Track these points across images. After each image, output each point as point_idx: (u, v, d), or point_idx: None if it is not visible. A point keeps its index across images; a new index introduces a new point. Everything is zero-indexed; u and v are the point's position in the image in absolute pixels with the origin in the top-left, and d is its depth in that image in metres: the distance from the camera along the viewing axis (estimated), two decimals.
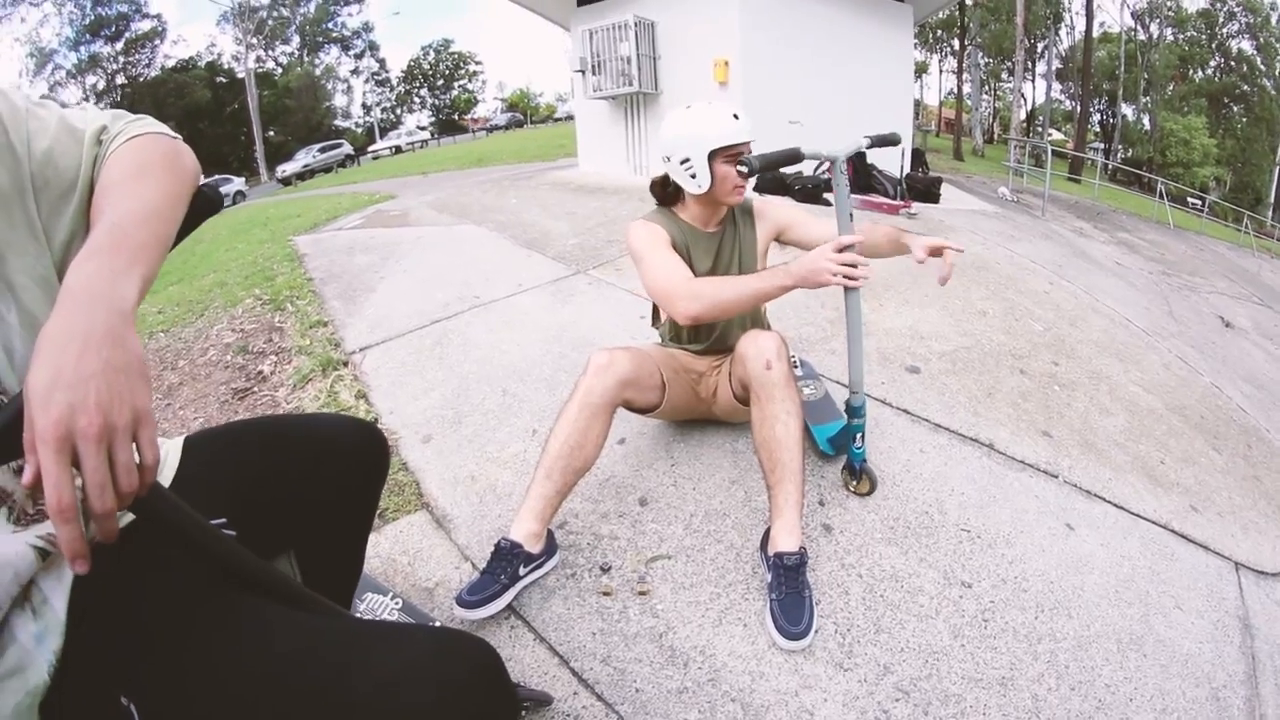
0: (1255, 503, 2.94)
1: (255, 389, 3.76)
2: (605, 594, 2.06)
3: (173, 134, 1.04)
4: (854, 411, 2.41)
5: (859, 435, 2.44)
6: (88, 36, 43.67)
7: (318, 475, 1.31)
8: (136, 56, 45.74)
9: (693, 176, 2.34)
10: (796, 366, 3.15)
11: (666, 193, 2.55)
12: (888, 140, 2.55)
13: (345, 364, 3.78)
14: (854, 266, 1.91)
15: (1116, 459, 2.96)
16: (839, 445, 2.61)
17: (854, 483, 2.52)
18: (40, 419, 0.64)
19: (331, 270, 5.71)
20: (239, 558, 0.96)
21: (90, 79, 44.00)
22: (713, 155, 2.29)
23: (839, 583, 2.09)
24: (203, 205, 1.00)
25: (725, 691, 1.76)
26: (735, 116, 2.29)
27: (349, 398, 3.39)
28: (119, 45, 44.83)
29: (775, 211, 2.58)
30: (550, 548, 2.15)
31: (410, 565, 2.27)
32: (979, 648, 1.90)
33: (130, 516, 1.03)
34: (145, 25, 46.06)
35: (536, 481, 2.12)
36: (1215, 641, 2.09)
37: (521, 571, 2.04)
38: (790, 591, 1.93)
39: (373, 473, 1.47)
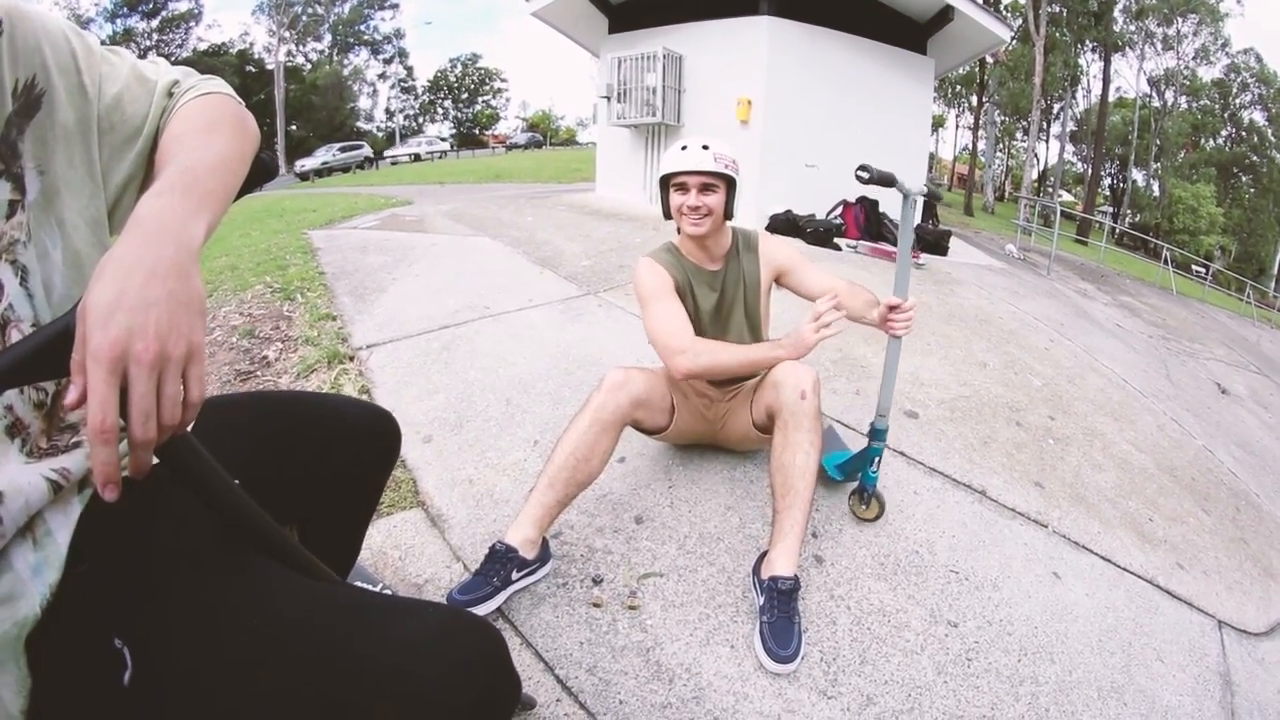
0: (1241, 564, 2.97)
1: (259, 373, 3.78)
2: (595, 605, 2.08)
3: (239, 99, 1.06)
4: (877, 435, 2.47)
5: (876, 459, 2.49)
6: (125, 10, 44.21)
7: (331, 453, 1.32)
8: (170, 36, 46.27)
9: (664, 205, 2.47)
10: None
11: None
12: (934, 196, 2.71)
13: (351, 359, 3.81)
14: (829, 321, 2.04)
15: (1106, 513, 2.99)
16: (849, 471, 2.65)
17: (863, 507, 2.57)
18: (97, 337, 0.63)
19: (344, 267, 5.75)
20: (255, 517, 0.95)
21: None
22: (664, 184, 2.42)
23: (827, 613, 2.12)
24: (259, 170, 1.00)
25: (709, 710, 1.78)
26: (684, 148, 2.37)
27: (352, 392, 3.42)
28: (154, 23, 45.33)
29: (777, 251, 2.62)
30: (544, 555, 2.17)
31: (401, 560, 2.28)
32: (962, 686, 1.92)
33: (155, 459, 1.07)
34: (182, 6, 46.79)
35: (538, 490, 2.14)
36: (1196, 695, 2.12)
37: (514, 576, 2.06)
38: (781, 615, 1.95)
39: (383, 458, 1.49)
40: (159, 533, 0.97)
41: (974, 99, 36.61)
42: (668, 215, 2.46)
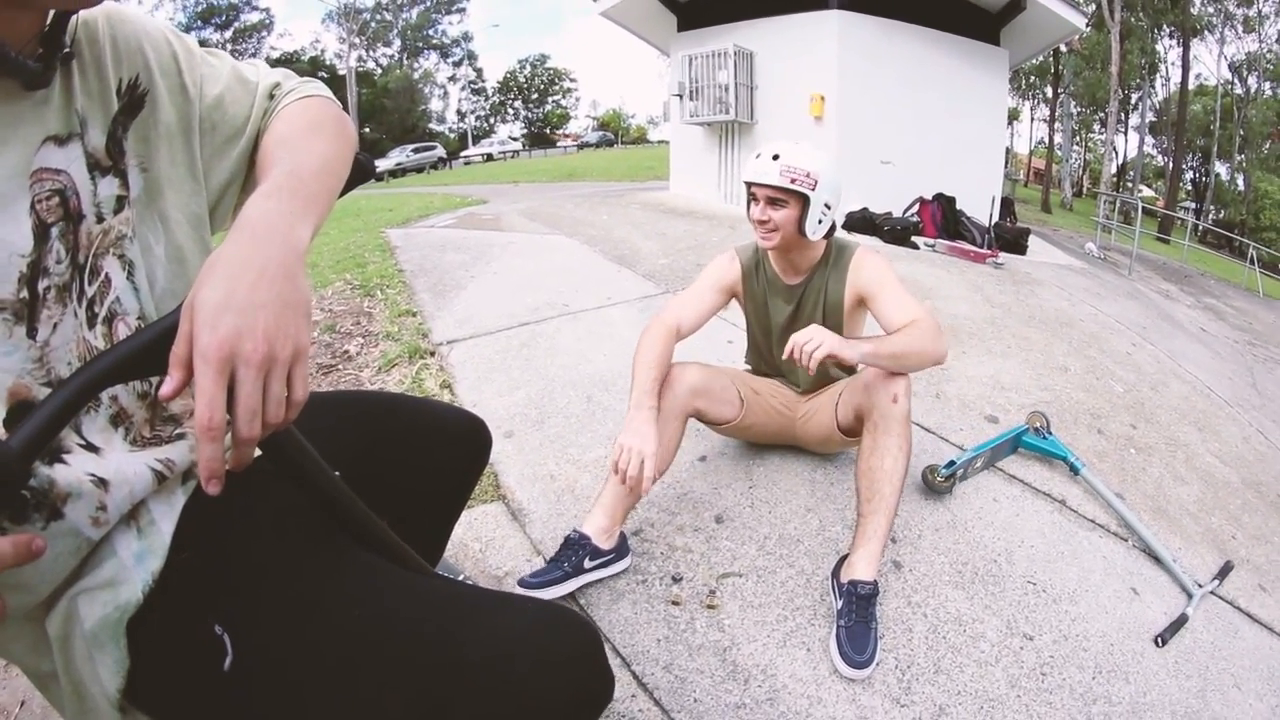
0: None
1: (340, 367, 3.91)
2: (674, 603, 2.11)
3: (337, 101, 1.10)
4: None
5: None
6: (199, 23, 45.90)
7: (425, 456, 1.35)
8: (243, 46, 47.74)
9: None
10: None
11: None
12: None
13: (432, 354, 3.91)
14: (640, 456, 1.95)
15: (1188, 529, 2.91)
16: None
17: (938, 478, 2.69)
18: (206, 336, 0.64)
19: (423, 264, 5.87)
20: (355, 508, 0.97)
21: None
22: (748, 189, 2.34)
23: (903, 620, 2.11)
24: (357, 172, 1.02)
25: (782, 713, 1.79)
26: (775, 157, 2.25)
27: (434, 386, 3.51)
28: (228, 34, 46.90)
29: (863, 272, 2.38)
30: (621, 550, 2.20)
31: (482, 552, 2.35)
32: (1034, 701, 1.89)
33: (257, 451, 1.12)
34: (254, 17, 48.54)
35: (610, 481, 2.16)
36: None
37: (586, 564, 2.10)
38: (859, 620, 1.95)
39: (475, 462, 1.52)
40: (261, 524, 1.00)
41: (1049, 90, 35.40)
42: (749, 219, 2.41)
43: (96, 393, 0.71)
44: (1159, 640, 2.19)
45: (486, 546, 2.38)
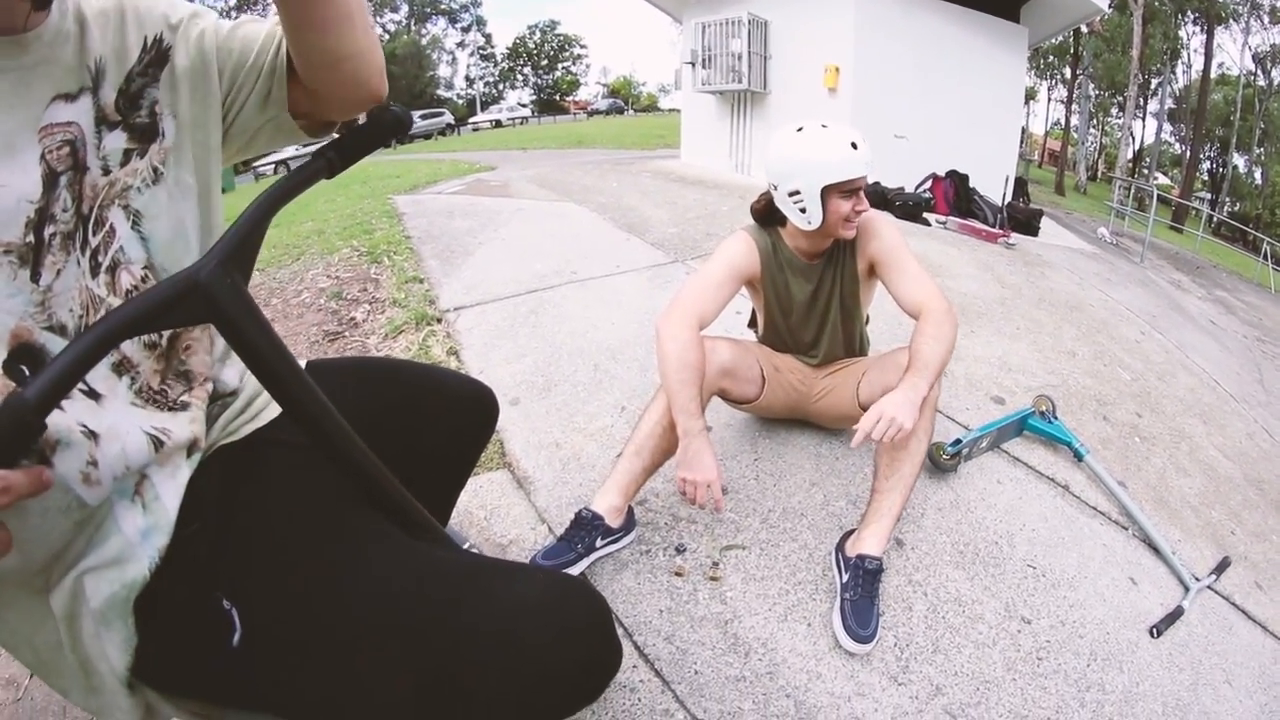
0: None
1: (346, 333, 3.91)
2: (677, 574, 2.12)
3: None
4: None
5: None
6: None
7: (431, 423, 1.36)
8: (252, 9, 47.28)
9: (802, 211, 2.15)
10: None
11: (770, 218, 2.35)
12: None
13: (439, 320, 3.92)
14: (708, 487, 1.95)
15: (1188, 521, 2.90)
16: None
17: (945, 456, 2.70)
18: None
19: (430, 231, 5.86)
20: (380, 474, 0.99)
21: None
22: (827, 190, 2.10)
23: (904, 598, 2.12)
24: (392, 122, 1.01)
25: (781, 686, 1.81)
26: (854, 145, 2.07)
27: (440, 353, 3.52)
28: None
29: (878, 239, 2.28)
30: (629, 523, 2.21)
31: (487, 520, 2.36)
32: (1029, 685, 1.90)
33: (276, 411, 1.11)
34: None
35: (625, 457, 2.16)
36: None
37: (598, 543, 2.11)
38: (864, 595, 1.96)
39: (481, 431, 1.53)
40: (269, 498, 1.02)
41: (1067, 71, 34.92)
42: (815, 226, 2.17)
43: (112, 346, 0.73)
44: (1154, 631, 2.20)
45: (491, 514, 2.39)
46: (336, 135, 1.06)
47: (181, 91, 0.96)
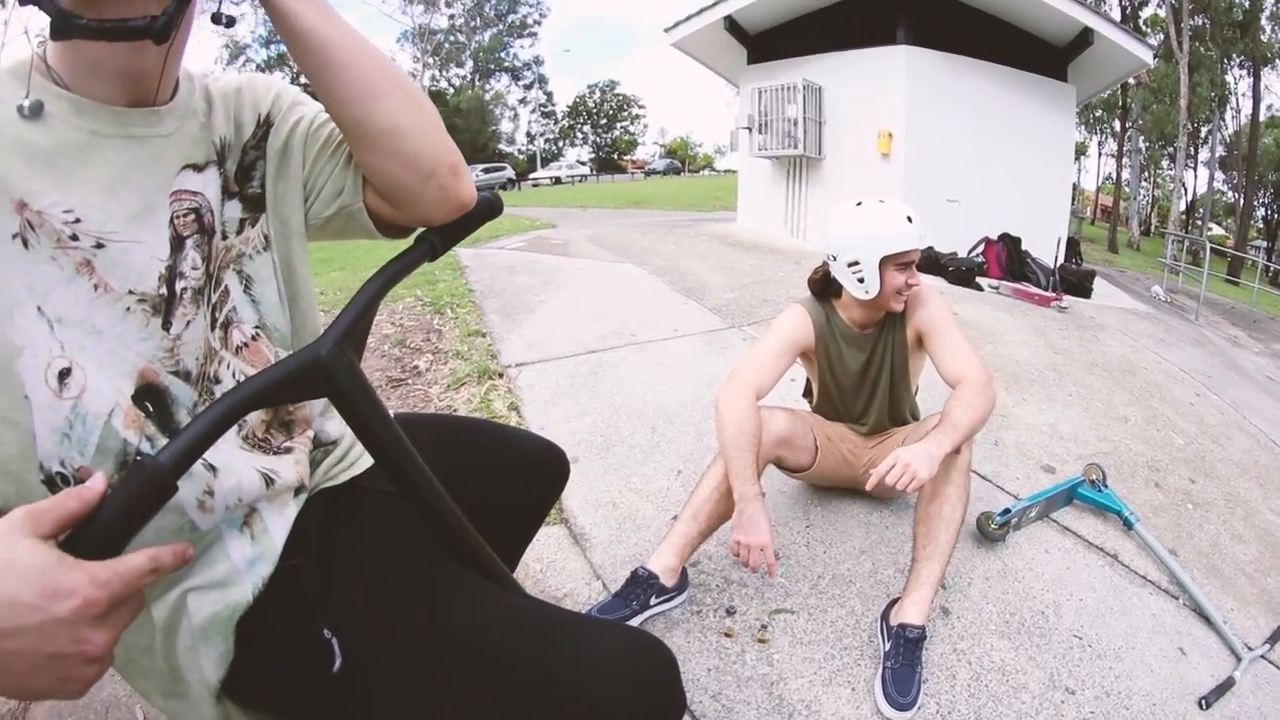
0: None
1: (409, 381, 4.06)
2: (726, 635, 2.19)
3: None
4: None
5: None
6: (277, 37, 47.07)
7: (507, 481, 1.43)
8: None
9: (860, 281, 2.32)
10: None
11: (827, 289, 2.53)
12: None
13: (500, 375, 4.05)
14: (760, 550, 2.03)
15: (1242, 589, 2.87)
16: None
17: (993, 525, 2.71)
18: None
19: (493, 285, 6.06)
20: (464, 530, 1.04)
21: (277, 73, 47.46)
22: (884, 262, 2.27)
23: (948, 665, 2.15)
24: (485, 209, 1.11)
25: None
26: (909, 219, 2.26)
27: (502, 407, 3.65)
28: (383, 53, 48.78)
29: (926, 309, 2.43)
30: (682, 584, 2.29)
31: (542, 573, 2.45)
32: None
33: (369, 462, 1.19)
34: None
35: (682, 520, 2.27)
36: None
37: (652, 601, 2.19)
38: (905, 663, 2.00)
39: (552, 492, 1.61)
40: (369, 538, 1.09)
41: (1117, 124, 34.33)
42: (873, 295, 2.32)
43: (240, 418, 0.80)
44: (1203, 703, 2.17)
45: (547, 568, 2.48)
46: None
47: (270, 170, 1.03)
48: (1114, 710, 2.09)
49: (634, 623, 2.14)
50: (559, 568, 2.49)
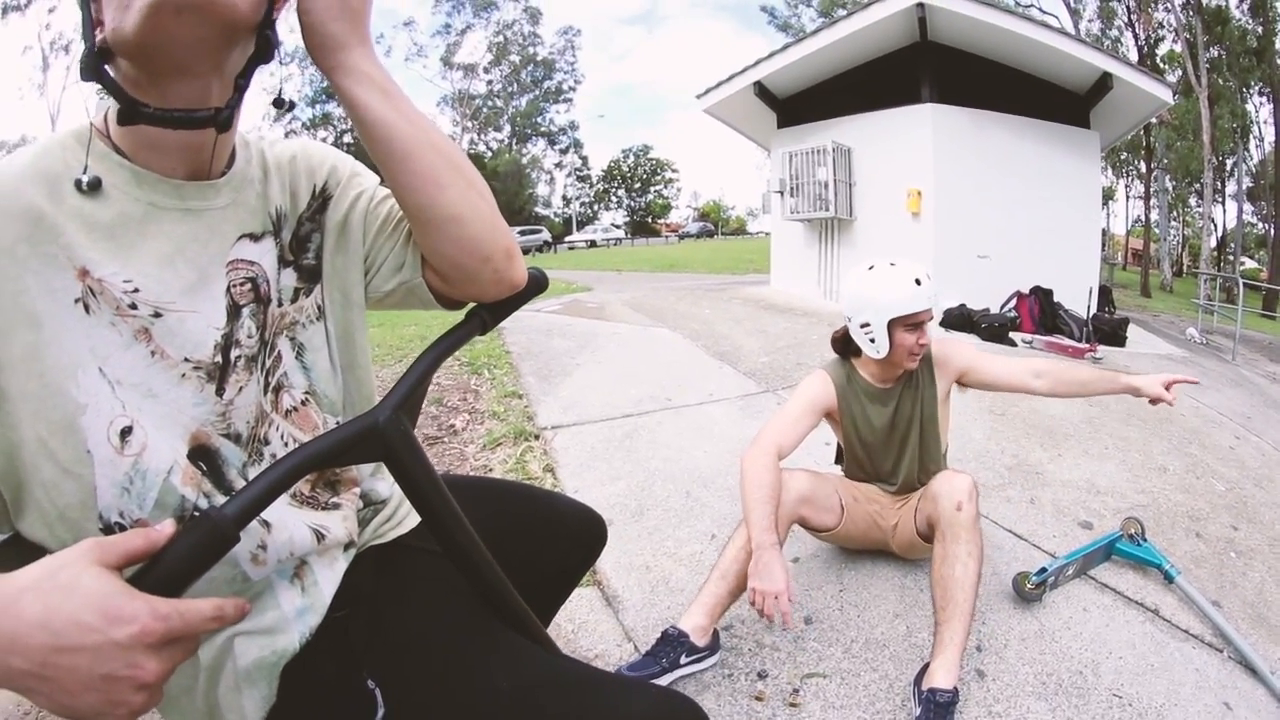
0: None
1: (445, 440, 4.14)
2: (758, 699, 2.19)
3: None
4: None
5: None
6: (324, 96, 49.36)
7: (547, 546, 1.47)
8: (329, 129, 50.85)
9: (871, 341, 2.44)
10: None
11: (848, 348, 2.64)
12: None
13: (537, 437, 4.12)
14: (775, 598, 2.03)
15: None
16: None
17: (1029, 586, 2.70)
18: None
19: (529, 348, 6.15)
20: (506, 591, 1.09)
21: (321, 134, 49.36)
22: (893, 323, 2.38)
23: None
24: (533, 286, 1.14)
25: None
26: (918, 282, 2.36)
27: (537, 469, 3.70)
28: (451, 142, 50.80)
29: (955, 358, 2.61)
30: (714, 646, 2.31)
31: (574, 634, 2.48)
32: None
33: (415, 521, 1.23)
34: None
35: (711, 580, 2.31)
36: None
37: (683, 660, 2.21)
38: None
39: (589, 556, 1.65)
40: (413, 594, 1.12)
41: (1142, 166, 33.95)
42: (883, 355, 2.45)
43: (301, 478, 0.87)
44: None
45: (579, 629, 2.51)
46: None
47: (328, 243, 1.06)
48: None
49: (664, 681, 2.15)
50: (591, 629, 2.51)
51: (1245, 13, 28.29)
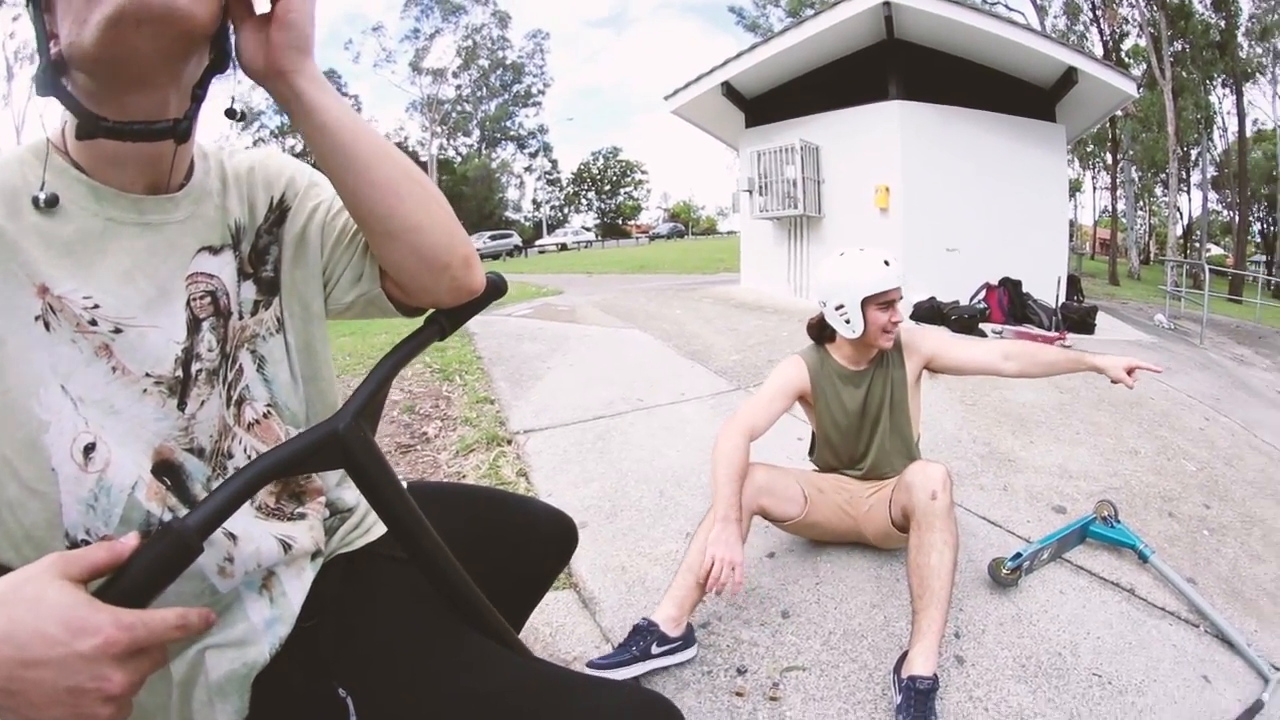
0: None
1: (418, 447, 4.09)
2: (738, 694, 2.17)
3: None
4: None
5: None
6: None
7: (521, 553, 1.46)
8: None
9: (847, 322, 2.55)
10: None
11: (823, 334, 2.73)
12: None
13: (509, 442, 4.08)
14: (731, 567, 2.09)
15: (1265, 609, 2.85)
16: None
17: (1005, 571, 2.72)
18: None
19: (500, 353, 6.12)
20: (474, 596, 1.08)
21: (289, 141, 48.60)
22: (865, 302, 2.50)
23: (964, 714, 2.13)
24: (491, 291, 1.14)
25: None
26: (886, 263, 2.49)
27: (510, 474, 3.67)
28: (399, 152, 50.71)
29: (924, 342, 2.73)
30: (688, 639, 2.28)
31: (552, 637, 2.45)
32: None
33: (381, 530, 1.22)
34: None
35: (680, 573, 2.31)
36: None
37: (654, 649, 2.19)
38: (918, 716, 1.98)
39: (560, 561, 1.63)
40: (381, 602, 1.12)
41: (1108, 157, 34.59)
42: (859, 334, 2.54)
43: (262, 487, 0.87)
44: None
45: (556, 632, 2.48)
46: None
47: (286, 256, 1.05)
48: None
49: (637, 671, 2.15)
50: (568, 631, 2.49)
51: (1208, 7, 28.99)
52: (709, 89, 11.28)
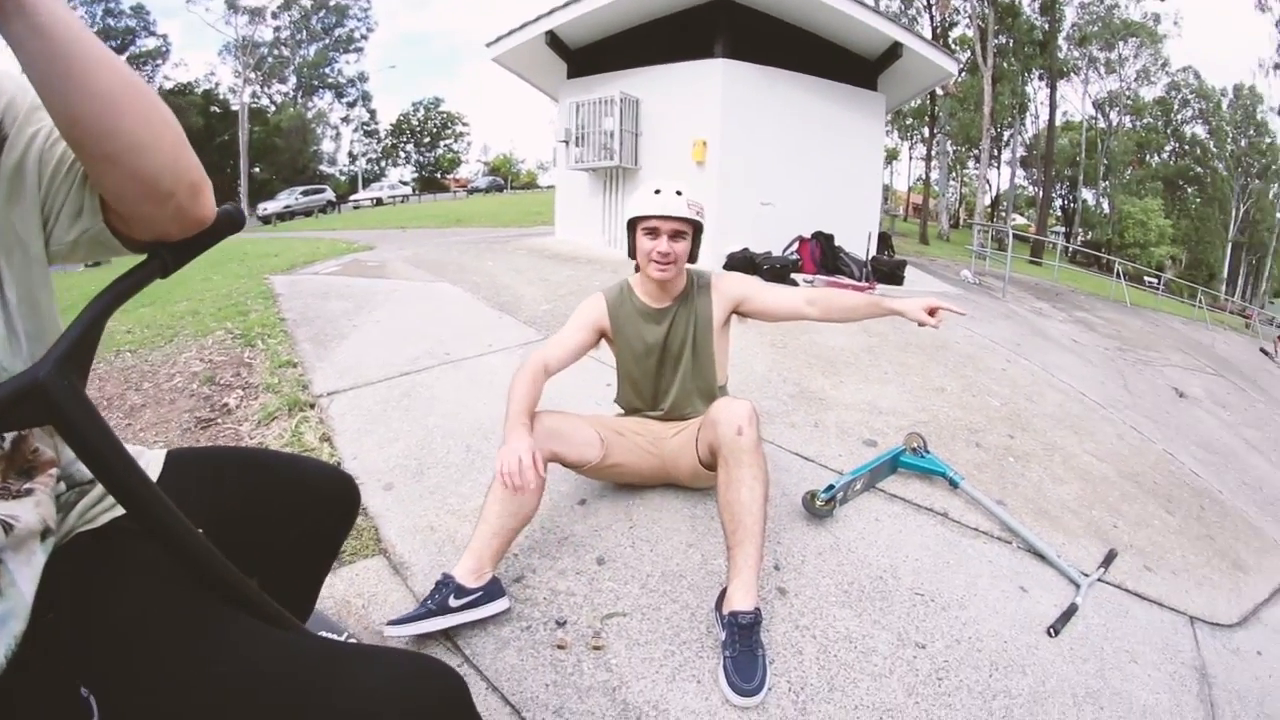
0: (1209, 560, 3.08)
1: (219, 420, 3.76)
2: (560, 647, 2.08)
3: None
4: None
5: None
6: None
7: (292, 513, 1.36)
8: (137, 72, 45.89)
9: (631, 249, 2.58)
10: None
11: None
12: None
13: (312, 406, 3.79)
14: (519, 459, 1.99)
15: (1070, 524, 3.06)
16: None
17: (818, 503, 2.77)
18: None
19: (305, 313, 5.73)
20: (222, 568, 0.98)
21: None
22: (632, 225, 2.54)
23: (793, 643, 2.13)
24: (226, 223, 1.03)
25: None
26: (657, 191, 2.48)
27: (313, 440, 3.40)
28: (122, 58, 45.72)
29: (731, 285, 2.72)
30: (492, 591, 2.16)
31: (364, 608, 2.28)
32: (934, 705, 1.94)
33: (119, 510, 1.08)
34: (150, 43, 46.40)
35: (478, 524, 2.21)
36: (1173, 691, 2.18)
37: (452, 602, 2.08)
38: (743, 650, 1.96)
39: (343, 520, 1.54)
40: (127, 584, 0.99)
41: (926, 130, 37.31)
42: (632, 255, 2.58)
43: None
44: (1051, 630, 2.31)
45: (369, 602, 2.30)
46: None
47: (1, 192, 0.90)
48: (967, 655, 2.16)
49: (436, 624, 2.05)
50: (382, 600, 2.31)
51: (1035, 10, 32.38)
52: (533, 37, 10.95)
